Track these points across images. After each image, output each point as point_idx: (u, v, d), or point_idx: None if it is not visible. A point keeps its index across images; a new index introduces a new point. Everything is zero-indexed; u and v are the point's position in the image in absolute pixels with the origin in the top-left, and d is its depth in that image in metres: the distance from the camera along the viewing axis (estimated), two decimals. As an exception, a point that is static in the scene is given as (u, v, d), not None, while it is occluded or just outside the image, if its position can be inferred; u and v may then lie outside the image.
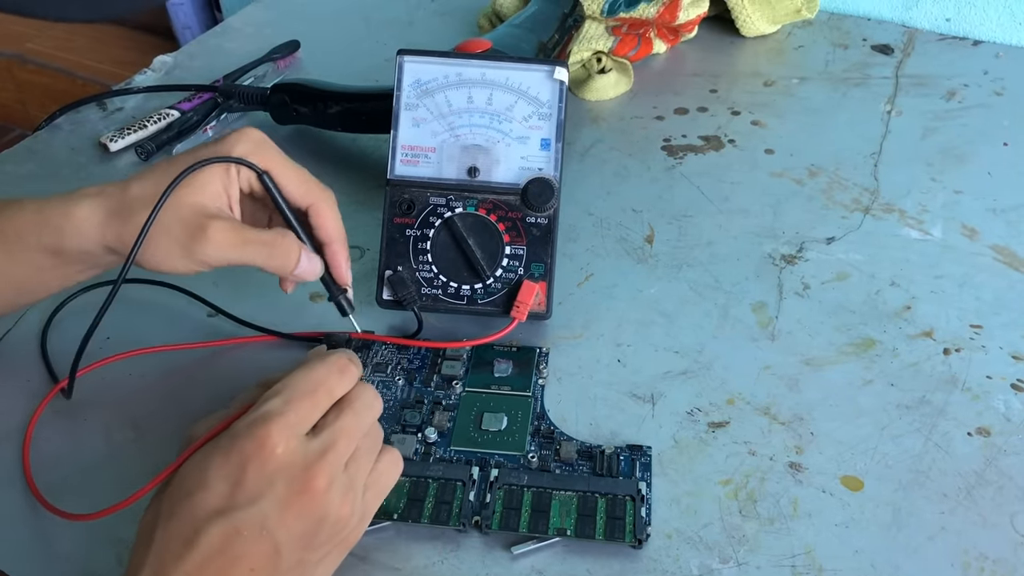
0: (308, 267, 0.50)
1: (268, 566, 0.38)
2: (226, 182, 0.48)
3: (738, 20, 0.86)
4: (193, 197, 0.47)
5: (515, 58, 0.60)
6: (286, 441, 0.39)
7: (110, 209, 0.47)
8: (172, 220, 0.46)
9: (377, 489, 0.44)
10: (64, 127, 0.78)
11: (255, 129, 0.49)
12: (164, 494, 0.40)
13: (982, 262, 0.62)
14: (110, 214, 0.47)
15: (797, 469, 0.50)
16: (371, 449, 0.43)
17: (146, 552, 0.38)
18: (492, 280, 0.56)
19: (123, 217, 0.47)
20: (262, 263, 0.48)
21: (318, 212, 0.50)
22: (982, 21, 0.87)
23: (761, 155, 0.73)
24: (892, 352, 0.56)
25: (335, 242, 0.51)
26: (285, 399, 0.41)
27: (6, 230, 0.49)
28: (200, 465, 0.39)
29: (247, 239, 0.48)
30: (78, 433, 0.53)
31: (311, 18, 0.94)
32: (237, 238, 0.47)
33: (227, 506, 0.38)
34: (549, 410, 0.53)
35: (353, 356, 0.45)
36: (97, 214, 0.47)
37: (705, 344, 0.57)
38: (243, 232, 0.48)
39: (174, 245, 0.47)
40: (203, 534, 0.37)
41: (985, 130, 0.74)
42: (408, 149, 0.57)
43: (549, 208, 0.56)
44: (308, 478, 0.39)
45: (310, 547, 0.40)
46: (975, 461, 0.50)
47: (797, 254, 0.63)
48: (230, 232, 0.47)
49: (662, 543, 0.47)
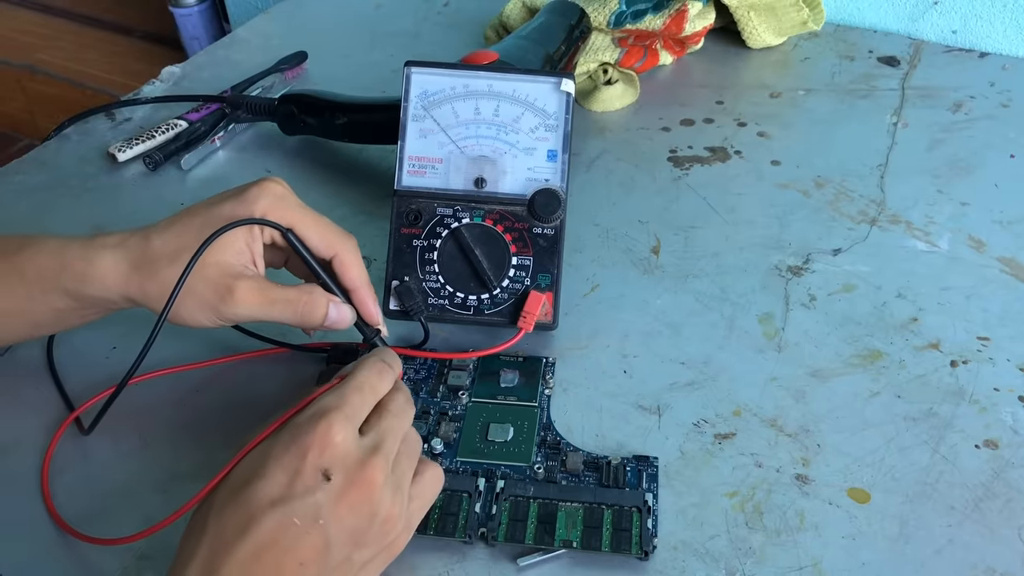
0: (338, 317, 0.50)
1: (317, 560, 0.39)
2: (249, 239, 0.48)
3: (744, 32, 0.86)
4: (217, 256, 0.47)
5: (522, 70, 0.61)
6: (344, 432, 0.40)
7: (133, 262, 0.48)
8: (198, 280, 0.47)
9: (421, 501, 0.44)
10: (73, 137, 0.79)
11: (275, 182, 0.50)
12: (218, 488, 0.40)
13: (989, 274, 0.62)
14: (133, 267, 0.48)
15: (804, 481, 0.50)
16: (411, 455, 0.44)
17: (198, 542, 0.38)
18: (499, 290, 0.56)
19: (146, 272, 0.48)
20: (289, 320, 0.49)
21: (342, 261, 0.50)
22: (988, 33, 0.87)
23: (767, 166, 0.73)
24: (899, 364, 0.56)
25: (361, 288, 0.51)
26: (339, 394, 0.42)
27: (27, 270, 0.49)
28: (259, 456, 0.40)
29: (274, 299, 0.48)
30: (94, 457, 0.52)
31: (318, 29, 0.94)
32: (264, 298, 0.48)
33: (284, 495, 0.39)
34: (555, 421, 0.53)
35: (390, 356, 0.46)
36: (120, 266, 0.48)
37: (711, 355, 0.57)
38: (270, 291, 0.48)
39: (201, 305, 0.47)
40: (258, 523, 0.38)
41: (992, 142, 0.74)
42: (415, 160, 0.58)
43: (556, 219, 0.56)
44: (364, 470, 0.40)
45: (358, 545, 0.40)
46: (983, 474, 0.50)
47: (803, 265, 0.63)
48: (257, 292, 0.48)
49: (668, 555, 0.46)
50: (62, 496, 0.50)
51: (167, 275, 0.47)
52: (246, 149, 0.77)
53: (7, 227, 0.69)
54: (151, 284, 0.48)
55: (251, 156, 0.76)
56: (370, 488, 0.40)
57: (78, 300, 0.50)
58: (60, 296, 0.49)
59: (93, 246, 0.49)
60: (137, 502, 0.50)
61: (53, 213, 0.70)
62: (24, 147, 1.80)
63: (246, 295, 0.47)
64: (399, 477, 0.42)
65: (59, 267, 0.49)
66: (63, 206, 0.71)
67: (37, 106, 1.83)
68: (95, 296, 0.49)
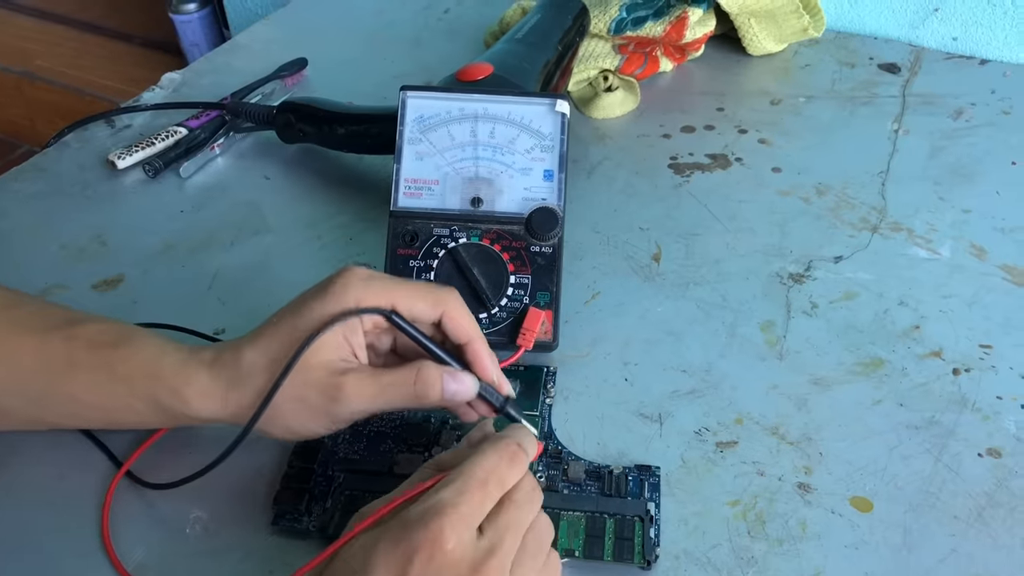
0: (456, 388, 0.46)
1: None
2: (346, 331, 0.45)
3: (745, 39, 0.86)
4: (318, 357, 0.44)
5: (516, 92, 0.60)
6: (458, 536, 0.38)
7: (229, 380, 0.46)
8: (303, 387, 0.44)
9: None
10: (72, 144, 0.79)
11: (357, 267, 0.46)
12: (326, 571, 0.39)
13: (991, 282, 0.62)
14: (229, 386, 0.45)
15: (806, 490, 0.50)
16: (536, 550, 0.41)
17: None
18: (497, 309, 0.56)
19: (242, 389, 0.45)
20: (405, 403, 0.46)
21: (450, 317, 0.46)
22: (989, 40, 0.87)
23: (768, 173, 0.73)
24: (901, 372, 0.56)
25: (474, 339, 0.47)
26: (458, 490, 0.39)
27: (118, 369, 0.47)
28: (368, 547, 0.38)
29: (384, 386, 0.45)
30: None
31: (319, 36, 0.94)
32: (375, 387, 0.45)
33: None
34: (556, 430, 0.53)
35: (526, 438, 0.43)
36: (219, 386, 0.46)
37: (713, 363, 0.57)
38: (379, 379, 0.45)
39: (314, 413, 0.45)
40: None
41: (993, 149, 0.74)
42: (411, 182, 0.57)
43: (553, 237, 0.56)
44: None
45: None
46: (986, 482, 0.50)
47: (805, 273, 0.63)
48: (367, 384, 0.45)
49: (670, 564, 0.46)
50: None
51: (265, 389, 0.44)
52: (245, 157, 0.77)
53: (8, 235, 0.69)
54: (249, 401, 0.45)
55: (250, 164, 0.76)
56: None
57: (168, 415, 0.47)
58: (148, 404, 0.47)
59: (190, 363, 0.46)
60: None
61: (53, 220, 0.70)
62: (24, 153, 1.80)
63: (356, 389, 0.44)
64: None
65: (153, 377, 0.46)
66: (63, 213, 0.71)
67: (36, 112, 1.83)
68: (188, 416, 0.47)
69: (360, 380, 0.45)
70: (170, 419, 0.48)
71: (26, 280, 0.63)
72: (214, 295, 0.63)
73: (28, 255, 0.67)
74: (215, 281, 0.64)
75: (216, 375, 0.46)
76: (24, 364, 0.48)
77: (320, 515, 0.48)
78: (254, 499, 0.50)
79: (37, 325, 0.49)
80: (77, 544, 0.48)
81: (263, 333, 0.46)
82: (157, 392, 0.46)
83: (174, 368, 0.46)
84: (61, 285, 0.64)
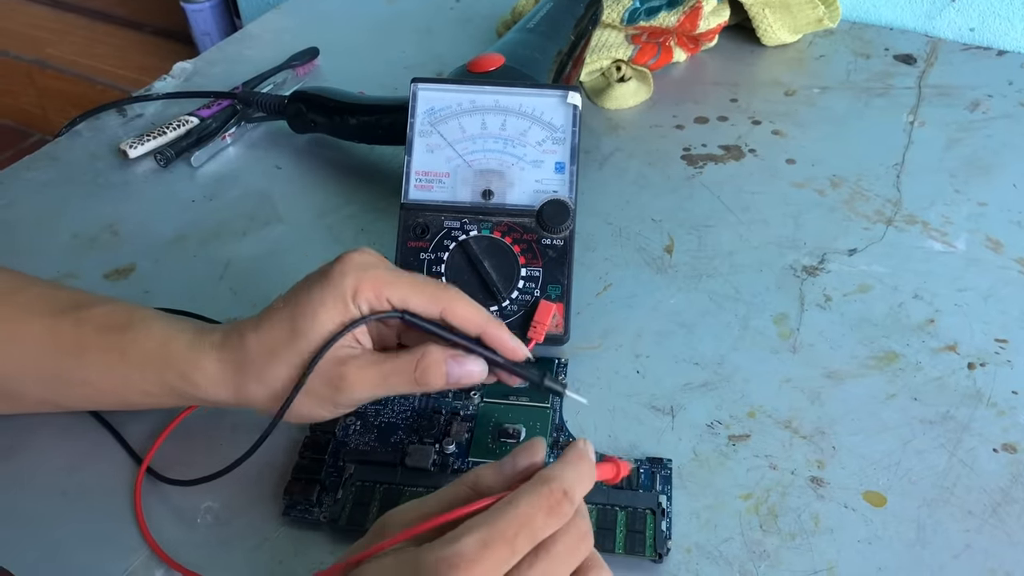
0: (462, 372, 0.45)
1: None
2: (345, 320, 0.45)
3: (759, 29, 0.86)
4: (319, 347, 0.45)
5: (528, 84, 0.60)
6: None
7: (236, 364, 0.46)
8: (309, 379, 0.45)
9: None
10: (84, 133, 0.79)
11: (360, 253, 0.46)
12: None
13: (1007, 275, 0.62)
14: (237, 370, 0.46)
15: (819, 484, 0.49)
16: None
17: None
18: (508, 302, 0.56)
19: (247, 374, 0.46)
20: (410, 389, 0.46)
21: (453, 314, 0.46)
22: (1007, 31, 0.86)
23: (782, 165, 0.72)
24: (915, 366, 0.55)
25: (486, 327, 0.46)
26: (483, 542, 0.35)
27: (129, 352, 0.47)
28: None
29: (386, 373, 0.45)
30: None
31: (330, 25, 0.94)
32: (377, 375, 0.45)
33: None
34: (567, 421, 0.53)
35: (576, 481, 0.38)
36: (227, 371, 0.46)
37: (725, 356, 0.57)
38: (381, 366, 0.45)
39: (319, 400, 0.46)
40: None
41: (1010, 141, 0.74)
42: (422, 175, 0.57)
43: (565, 230, 0.56)
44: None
45: None
46: (1001, 478, 0.49)
47: (819, 265, 0.63)
48: (369, 371, 0.45)
49: (682, 557, 0.46)
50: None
51: (267, 375, 0.45)
52: (257, 146, 0.77)
53: (20, 223, 0.69)
54: (255, 386, 0.46)
55: (262, 153, 0.76)
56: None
57: (179, 396, 0.48)
58: (159, 386, 0.47)
59: (198, 346, 0.47)
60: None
61: (64, 209, 0.70)
62: (36, 142, 1.80)
63: (359, 377, 0.45)
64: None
65: (163, 360, 0.47)
66: (74, 202, 0.71)
67: (48, 101, 1.83)
68: (199, 398, 0.48)
69: (362, 368, 0.45)
70: (183, 400, 0.49)
71: (38, 269, 0.63)
72: (226, 284, 0.63)
73: (40, 244, 0.67)
74: (227, 271, 0.64)
75: (224, 359, 0.46)
76: (35, 348, 0.48)
77: (331, 506, 0.48)
78: (265, 490, 0.50)
79: (45, 308, 0.49)
80: (91, 533, 0.49)
81: (265, 318, 0.46)
82: (167, 376, 0.47)
83: (182, 352, 0.47)
84: (72, 274, 0.64)
